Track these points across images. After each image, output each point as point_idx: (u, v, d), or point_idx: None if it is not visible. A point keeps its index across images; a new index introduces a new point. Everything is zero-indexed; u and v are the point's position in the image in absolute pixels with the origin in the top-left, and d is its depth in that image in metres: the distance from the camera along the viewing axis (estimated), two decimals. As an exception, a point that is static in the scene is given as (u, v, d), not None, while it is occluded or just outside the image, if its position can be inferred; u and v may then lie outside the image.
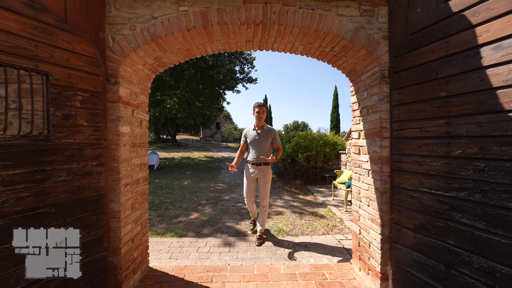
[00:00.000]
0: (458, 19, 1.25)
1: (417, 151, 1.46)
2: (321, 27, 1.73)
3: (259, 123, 2.79)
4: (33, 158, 1.22)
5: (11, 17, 1.14)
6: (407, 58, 1.52)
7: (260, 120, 2.76)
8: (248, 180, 2.84)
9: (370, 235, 1.90)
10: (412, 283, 1.51)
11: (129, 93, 1.83)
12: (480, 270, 1.16)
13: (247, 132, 2.89)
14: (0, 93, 1.14)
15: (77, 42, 1.42)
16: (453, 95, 1.27)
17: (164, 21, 1.70)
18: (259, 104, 2.76)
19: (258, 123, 2.79)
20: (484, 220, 1.15)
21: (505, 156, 1.07)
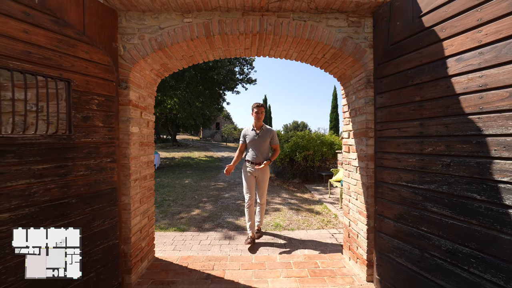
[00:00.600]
0: (429, 33, 1.43)
1: (396, 149, 1.64)
2: (313, 37, 1.91)
3: (257, 123, 2.85)
4: (57, 154, 1.40)
5: (41, 32, 1.32)
6: (388, 66, 1.70)
7: (259, 120, 2.82)
8: (247, 178, 2.88)
9: (358, 226, 2.08)
10: (393, 268, 1.68)
11: (138, 97, 2.00)
12: (447, 252, 1.34)
13: (246, 132, 2.93)
14: (32, 98, 1.31)
15: (94, 52, 1.59)
16: (426, 100, 1.45)
17: (170, 31, 1.88)
18: (257, 105, 2.81)
19: (257, 123, 2.85)
20: (449, 208, 1.32)
21: (465, 153, 1.25)
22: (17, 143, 1.24)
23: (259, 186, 2.92)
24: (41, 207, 1.32)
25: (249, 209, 2.82)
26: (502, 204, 1.11)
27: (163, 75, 2.33)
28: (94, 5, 1.62)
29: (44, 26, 1.34)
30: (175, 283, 1.95)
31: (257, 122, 2.84)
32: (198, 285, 1.92)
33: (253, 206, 2.85)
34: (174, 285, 1.92)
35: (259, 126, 2.87)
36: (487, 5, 1.16)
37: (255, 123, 2.86)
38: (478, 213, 1.20)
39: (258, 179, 2.91)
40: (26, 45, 1.27)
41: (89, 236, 1.55)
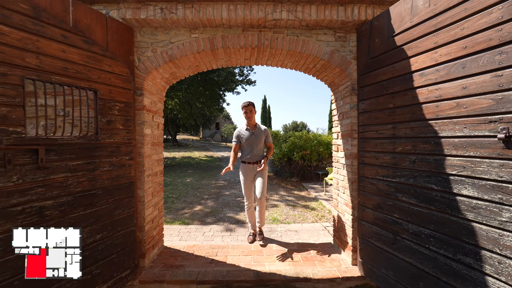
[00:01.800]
0: (400, 51, 1.69)
1: (374, 148, 1.91)
2: (304, 50, 2.18)
3: (250, 122, 2.79)
4: (87, 153, 1.66)
5: (75, 51, 1.58)
6: (369, 77, 1.97)
7: (250, 120, 2.76)
8: (246, 179, 2.80)
9: (345, 217, 2.35)
10: (373, 251, 1.95)
11: (150, 102, 2.27)
12: (413, 234, 1.61)
13: (240, 133, 2.84)
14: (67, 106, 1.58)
15: (115, 65, 1.86)
16: (397, 107, 1.71)
17: (180, 45, 2.14)
18: (244, 105, 2.73)
19: (249, 122, 2.79)
20: (415, 197, 1.59)
21: (426, 151, 1.52)
22: (58, 143, 1.50)
23: (258, 184, 2.80)
24: (75, 196, 1.58)
25: (249, 211, 2.81)
26: (451, 192, 1.39)
27: (171, 82, 2.60)
28: (114, 24, 1.88)
29: (77, 45, 1.60)
30: (183, 266, 2.22)
31: (249, 122, 2.79)
32: (204, 268, 2.19)
33: (252, 208, 2.83)
34: (182, 268, 2.19)
35: (252, 125, 2.82)
36: (440, 32, 1.43)
37: (248, 123, 2.81)
38: (435, 201, 1.47)
39: (256, 178, 2.82)
40: (64, 62, 1.53)
41: (111, 223, 1.81)
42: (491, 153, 1.21)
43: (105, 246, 1.76)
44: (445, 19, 1.41)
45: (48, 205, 1.44)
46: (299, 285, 2.05)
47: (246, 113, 2.74)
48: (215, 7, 1.99)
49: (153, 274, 2.09)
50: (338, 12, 2.02)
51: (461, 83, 1.34)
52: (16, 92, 1.31)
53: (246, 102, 2.73)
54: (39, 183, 1.41)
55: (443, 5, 1.42)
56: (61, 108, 1.53)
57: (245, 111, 2.73)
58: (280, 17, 2.01)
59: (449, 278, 1.41)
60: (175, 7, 1.98)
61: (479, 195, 1.27)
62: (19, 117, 1.33)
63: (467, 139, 1.31)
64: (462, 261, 1.34)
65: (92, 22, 1.71)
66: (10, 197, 1.29)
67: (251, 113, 2.74)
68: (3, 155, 1.26)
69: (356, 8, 2.02)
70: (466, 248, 1.33)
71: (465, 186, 1.33)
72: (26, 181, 1.35)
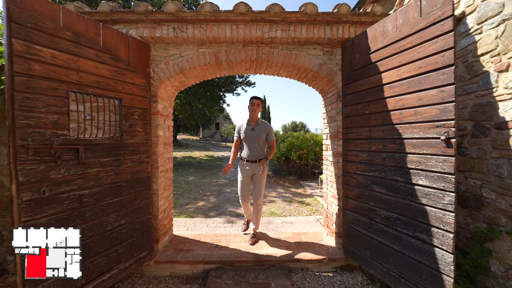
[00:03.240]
0: (374, 66, 2.03)
1: (355, 148, 2.25)
2: (296, 62, 2.52)
3: (252, 116, 2.71)
4: (114, 151, 1.99)
5: (105, 67, 1.92)
6: (350, 87, 2.31)
7: (253, 113, 2.69)
8: (243, 177, 2.73)
9: (332, 207, 2.69)
10: (354, 235, 2.29)
11: (162, 107, 2.60)
12: (384, 218, 1.95)
13: (240, 128, 2.77)
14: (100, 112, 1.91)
15: (136, 77, 2.19)
16: (372, 113, 2.06)
17: (189, 58, 2.48)
18: (252, 97, 2.73)
19: (252, 116, 2.72)
20: (385, 188, 1.93)
21: (393, 150, 1.86)
22: (92, 143, 1.83)
23: (256, 185, 2.72)
24: (105, 187, 1.92)
25: (242, 203, 2.90)
26: (411, 183, 1.73)
27: (180, 89, 2.93)
28: (134, 42, 2.21)
29: (106, 62, 1.93)
30: (191, 250, 2.56)
31: (252, 115, 2.72)
32: (209, 251, 2.52)
33: (247, 202, 2.87)
34: (191, 252, 2.52)
35: (254, 119, 2.74)
36: (403, 53, 1.77)
37: (250, 117, 2.75)
38: (400, 190, 1.81)
39: (254, 177, 2.75)
40: (97, 77, 1.86)
41: (133, 211, 2.15)
42: (437, 151, 1.55)
43: (127, 230, 2.09)
44: (407, 43, 1.75)
45: (85, 194, 1.78)
46: (291, 264, 2.39)
47: (252, 105, 2.69)
48: (219, 27, 2.32)
49: (166, 256, 2.42)
50: (325, 30, 2.36)
51: (417, 95, 1.68)
52: (63, 103, 1.65)
53: (257, 96, 2.73)
54: (79, 175, 1.74)
55: (405, 31, 1.76)
56: (94, 114, 1.86)
57: (252, 102, 2.69)
58: (275, 35, 2.34)
59: (410, 252, 1.75)
60: (186, 27, 2.32)
61: (429, 184, 1.61)
62: (65, 122, 1.66)
63: (422, 140, 1.66)
64: (418, 237, 1.69)
65: (117, 42, 2.05)
66: (59, 186, 1.62)
67: (257, 107, 2.69)
68: (54, 153, 1.59)
69: (341, 27, 2.36)
70: (421, 226, 1.67)
71: (420, 178, 1.67)
72: (70, 174, 1.68)
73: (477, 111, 2.07)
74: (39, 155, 1.52)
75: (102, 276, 1.88)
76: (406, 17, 1.77)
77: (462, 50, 2.25)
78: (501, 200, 1.86)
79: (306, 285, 2.14)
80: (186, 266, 2.36)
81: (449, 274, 1.50)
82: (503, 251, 1.84)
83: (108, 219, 1.93)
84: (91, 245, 1.79)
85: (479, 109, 2.06)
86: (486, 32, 2.01)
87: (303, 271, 2.36)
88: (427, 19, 1.61)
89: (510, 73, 1.82)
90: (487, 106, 1.98)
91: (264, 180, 2.74)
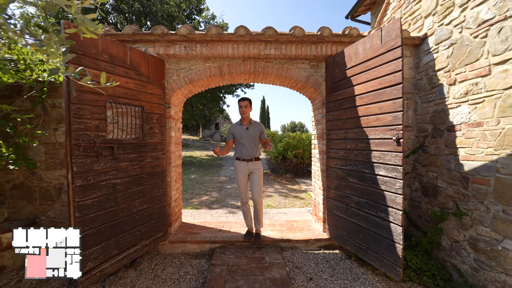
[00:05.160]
0: (349, 80, 2.50)
1: (335, 146, 2.72)
2: (288, 74, 2.98)
3: (244, 117, 2.80)
4: (138, 149, 2.46)
5: (131, 81, 2.38)
6: (332, 96, 2.78)
7: (244, 114, 2.77)
8: (240, 176, 2.79)
9: (319, 197, 3.16)
10: (334, 218, 2.76)
11: (174, 112, 3.07)
12: (356, 203, 2.42)
13: (234, 128, 2.85)
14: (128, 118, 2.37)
15: (154, 88, 2.66)
16: (347, 118, 2.52)
17: (197, 71, 2.94)
18: (240, 99, 2.77)
19: (243, 118, 2.81)
20: (357, 178, 2.40)
21: (362, 148, 2.33)
22: (122, 142, 2.30)
23: (254, 183, 2.79)
24: (131, 178, 2.38)
25: (244, 207, 2.84)
26: (374, 173, 2.20)
27: (188, 96, 3.39)
28: (153, 59, 2.68)
29: (132, 77, 2.40)
30: (199, 233, 3.02)
31: (243, 116, 2.80)
32: (214, 234, 2.99)
33: (247, 205, 2.86)
34: (199, 234, 2.99)
35: (246, 120, 2.82)
36: (369, 71, 2.24)
37: (242, 118, 2.84)
38: (367, 179, 2.28)
39: (251, 176, 2.82)
40: (125, 89, 2.33)
41: (152, 198, 2.61)
42: (391, 149, 2.02)
43: (148, 214, 2.56)
44: (371, 63, 2.23)
45: (118, 182, 2.24)
46: (283, 244, 2.86)
47: (240, 108, 2.76)
48: (223, 46, 2.79)
49: (178, 237, 2.89)
50: (311, 49, 2.83)
51: (379, 105, 2.15)
52: (102, 111, 2.11)
53: (242, 97, 2.79)
54: (113, 168, 2.20)
55: (370, 54, 2.24)
56: (123, 119, 2.33)
57: (240, 105, 2.76)
58: (270, 53, 2.81)
59: (375, 228, 2.22)
60: (195, 46, 2.78)
61: (387, 173, 2.08)
62: (103, 126, 2.13)
63: (381, 140, 2.13)
64: (380, 216, 2.16)
65: (140, 60, 2.51)
66: (100, 175, 2.09)
67: (246, 108, 2.75)
68: (97, 150, 2.06)
69: (324, 46, 2.83)
70: (381, 207, 2.14)
71: (380, 169, 2.14)
72: (107, 166, 2.15)
73: (435, 116, 2.56)
74: (86, 151, 1.99)
75: (129, 250, 2.34)
76: (372, 43, 2.24)
77: (425, 65, 2.74)
78: (450, 188, 2.35)
79: (294, 260, 2.61)
80: (195, 245, 2.82)
81: (399, 242, 1.97)
82: (450, 228, 2.32)
83: (133, 204, 2.40)
84: (122, 224, 2.26)
85: (436, 114, 2.54)
86: (441, 52, 2.50)
87: (293, 249, 2.83)
88: (385, 46, 2.08)
89: (456, 86, 2.30)
90: (442, 112, 2.47)
91: (261, 178, 2.81)
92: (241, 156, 2.79)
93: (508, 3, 1.85)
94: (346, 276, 2.30)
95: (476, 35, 2.10)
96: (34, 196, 2.81)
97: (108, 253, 2.12)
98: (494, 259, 1.90)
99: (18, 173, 2.78)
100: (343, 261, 2.57)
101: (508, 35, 1.84)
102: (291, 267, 2.46)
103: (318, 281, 2.21)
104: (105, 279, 2.24)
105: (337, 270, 2.40)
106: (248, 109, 2.78)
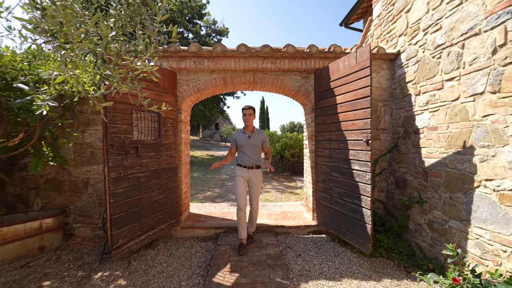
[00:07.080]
0: (332, 91, 2.99)
1: (322, 146, 3.21)
2: (282, 84, 3.47)
3: (247, 125, 2.86)
4: (156, 148, 2.94)
5: (152, 92, 2.86)
6: (319, 103, 3.27)
7: (247, 122, 2.82)
8: (240, 182, 2.81)
9: (309, 190, 3.65)
10: (321, 207, 3.25)
11: (184, 116, 3.55)
12: (338, 193, 2.91)
13: (237, 136, 2.92)
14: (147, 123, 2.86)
15: (168, 97, 3.14)
16: (331, 122, 3.02)
17: (204, 82, 3.43)
18: (244, 108, 2.83)
19: (247, 126, 2.87)
20: (338, 173, 2.90)
21: (342, 147, 2.82)
22: (144, 143, 2.78)
23: (251, 190, 2.84)
24: (151, 172, 2.87)
25: (239, 214, 2.77)
26: (351, 168, 2.69)
27: (195, 102, 3.88)
28: (167, 72, 3.16)
29: (152, 89, 2.88)
30: (206, 221, 3.51)
31: (246, 125, 2.87)
32: (219, 222, 3.48)
33: (243, 212, 2.78)
34: (205, 222, 3.47)
35: (249, 128, 2.88)
36: (348, 84, 2.73)
37: (245, 126, 2.89)
38: (346, 173, 2.77)
39: (250, 183, 2.85)
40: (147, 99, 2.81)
41: (167, 190, 3.09)
42: (363, 148, 2.52)
43: (164, 203, 3.05)
44: (349, 78, 2.72)
45: (141, 176, 2.73)
46: (278, 229, 3.35)
47: (244, 116, 2.83)
48: (226, 60, 3.28)
49: (188, 224, 3.38)
50: (302, 63, 3.32)
51: (354, 113, 2.64)
52: (129, 117, 2.60)
53: (247, 106, 2.86)
54: (137, 164, 2.69)
55: (348, 70, 2.73)
56: (143, 123, 2.82)
57: (244, 113, 2.83)
58: (266, 66, 3.30)
59: (351, 213, 2.71)
60: (202, 60, 3.27)
61: (360, 168, 2.57)
62: (130, 129, 2.61)
63: (356, 141, 2.62)
64: (355, 203, 2.65)
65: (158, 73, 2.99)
66: (127, 170, 2.57)
67: (250, 116, 2.81)
68: (126, 149, 2.54)
69: (313, 61, 3.32)
70: (356, 195, 2.63)
71: (355, 165, 2.63)
72: (133, 162, 2.63)
73: (406, 121, 3.05)
74: (118, 150, 2.48)
75: (149, 232, 2.83)
76: (349, 61, 2.73)
77: (398, 77, 3.23)
78: (415, 181, 2.84)
79: (287, 241, 3.09)
80: (202, 231, 3.31)
81: (369, 223, 2.46)
82: (415, 214, 2.82)
83: (152, 194, 2.88)
84: (144, 210, 2.75)
85: (406, 119, 3.04)
86: (410, 67, 3.00)
87: (286, 234, 3.32)
88: (359, 65, 2.57)
89: (421, 96, 2.80)
90: (410, 118, 2.97)
91: (260, 186, 2.87)
92: (242, 163, 2.85)
93: (453, 33, 2.34)
94: (329, 253, 2.79)
95: (433, 56, 2.59)
96: (64, 189, 3.29)
97: (133, 233, 2.61)
98: (443, 235, 2.40)
99: (50, 168, 3.26)
100: (328, 242, 3.07)
101: (453, 58, 2.34)
102: (283, 246, 2.95)
103: (305, 257, 2.70)
104: (130, 255, 2.73)
105: (322, 249, 2.89)
106: (252, 117, 2.85)
